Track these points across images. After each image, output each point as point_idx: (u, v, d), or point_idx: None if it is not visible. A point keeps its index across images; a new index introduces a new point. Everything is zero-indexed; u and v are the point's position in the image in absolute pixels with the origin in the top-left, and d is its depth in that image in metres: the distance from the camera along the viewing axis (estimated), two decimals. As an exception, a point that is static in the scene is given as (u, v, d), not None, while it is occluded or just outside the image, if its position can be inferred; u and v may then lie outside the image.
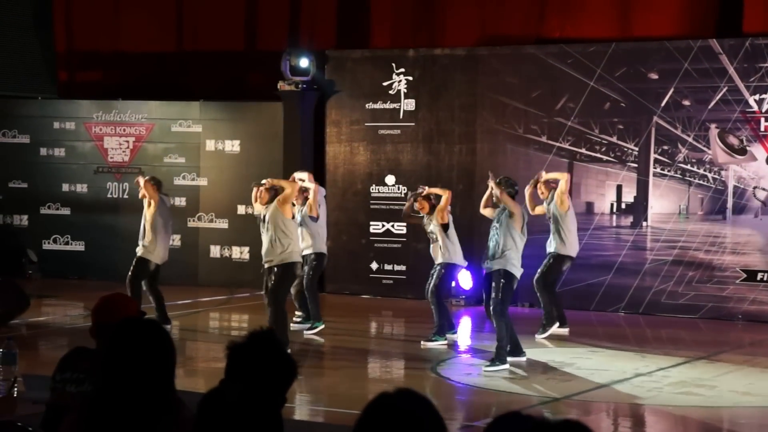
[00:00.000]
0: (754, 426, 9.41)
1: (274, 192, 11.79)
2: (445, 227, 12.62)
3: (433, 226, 12.66)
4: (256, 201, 12.42)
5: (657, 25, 16.00)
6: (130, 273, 13.27)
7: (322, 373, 11.34)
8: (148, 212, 13.51)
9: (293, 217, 12.09)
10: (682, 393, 10.25)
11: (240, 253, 17.69)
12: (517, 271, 11.25)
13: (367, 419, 2.91)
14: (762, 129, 15.12)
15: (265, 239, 11.72)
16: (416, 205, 12.85)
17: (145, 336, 3.81)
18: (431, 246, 12.85)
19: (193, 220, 17.96)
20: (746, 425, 9.49)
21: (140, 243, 13.44)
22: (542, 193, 13.40)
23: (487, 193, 12.11)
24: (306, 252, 12.99)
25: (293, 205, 12.33)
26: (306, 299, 13.25)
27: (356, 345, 12.92)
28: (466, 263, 13.11)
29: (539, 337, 12.92)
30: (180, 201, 17.88)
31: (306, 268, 12.92)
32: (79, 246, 18.54)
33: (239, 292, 16.21)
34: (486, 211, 12.20)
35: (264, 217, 11.82)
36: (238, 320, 14.59)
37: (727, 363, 11.77)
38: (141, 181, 13.68)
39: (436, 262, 12.74)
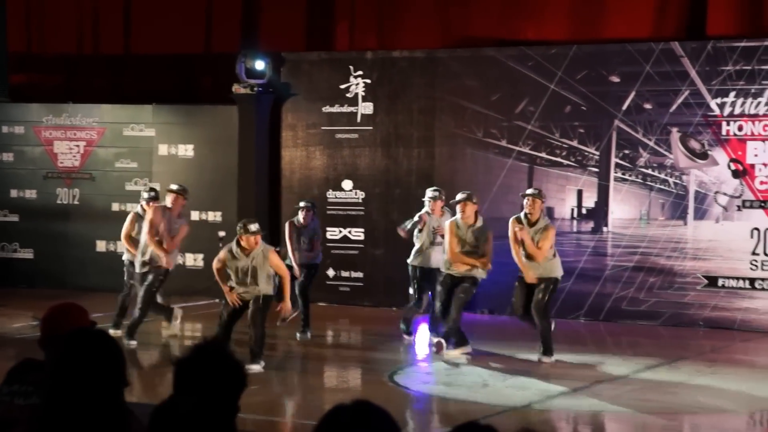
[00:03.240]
0: (713, 431, 9.50)
1: None
2: None
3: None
4: None
5: (618, 28, 16.12)
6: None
7: (278, 383, 11.34)
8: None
9: None
10: (643, 400, 10.33)
11: (194, 260, 17.63)
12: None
13: (324, 431, 2.91)
14: (724, 133, 15.27)
15: None
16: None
17: (95, 347, 3.79)
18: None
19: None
20: (707, 431, 9.58)
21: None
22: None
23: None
24: None
25: None
26: None
27: (313, 354, 12.91)
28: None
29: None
30: (132, 207, 17.79)
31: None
32: (27, 254, 18.43)
33: (193, 299, 16.16)
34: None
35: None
36: (192, 329, 14.54)
37: (688, 369, 11.88)
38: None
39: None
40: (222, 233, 17.37)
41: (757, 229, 14.99)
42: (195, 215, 17.49)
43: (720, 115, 15.30)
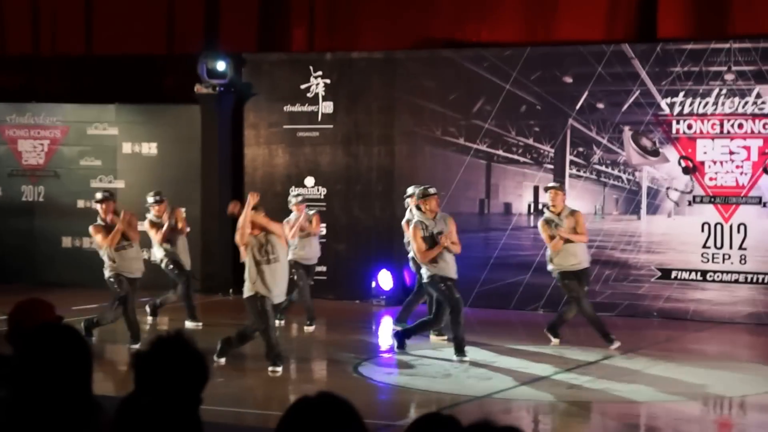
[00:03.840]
0: (670, 420, 9.47)
1: None
2: None
3: None
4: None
5: (571, 30, 16.08)
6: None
7: (244, 375, 11.17)
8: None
9: None
10: (600, 389, 10.29)
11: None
12: None
13: (288, 423, 2.90)
14: (674, 131, 15.28)
15: None
16: None
17: (62, 341, 3.69)
18: None
19: (110, 224, 17.67)
20: (663, 419, 9.55)
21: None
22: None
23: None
24: None
25: None
26: None
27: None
28: None
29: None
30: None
31: None
32: (-7, 250, 18.14)
33: (157, 294, 15.95)
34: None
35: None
36: (155, 322, 14.35)
37: (644, 359, 11.86)
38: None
39: None
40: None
41: (707, 223, 14.99)
42: (159, 212, 17.31)
43: (670, 115, 15.30)
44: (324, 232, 16.55)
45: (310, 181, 16.73)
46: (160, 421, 3.37)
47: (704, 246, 14.94)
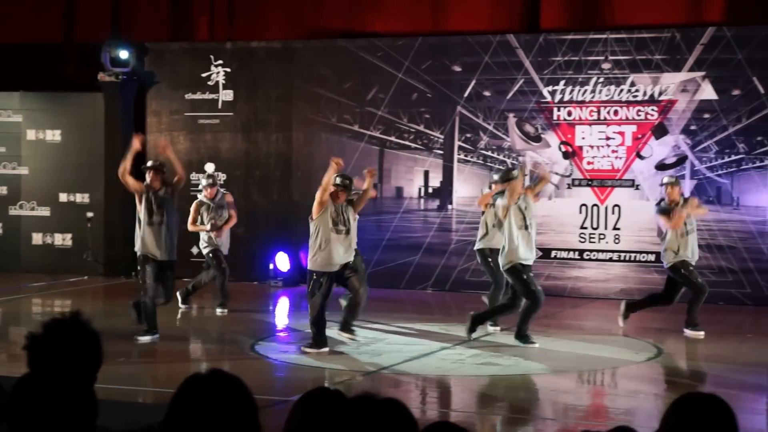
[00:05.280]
0: (547, 391, 9.65)
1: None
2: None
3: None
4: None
5: (460, 21, 16.23)
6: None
7: (142, 354, 11.11)
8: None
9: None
10: (483, 364, 10.42)
11: (62, 239, 17.21)
12: None
13: (180, 399, 2.89)
14: (555, 118, 15.53)
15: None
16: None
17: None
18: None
19: (15, 209, 17.40)
20: (541, 391, 9.74)
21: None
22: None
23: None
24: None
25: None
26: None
27: (178, 326, 12.72)
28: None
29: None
30: (1, 190, 17.34)
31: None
32: None
33: (62, 277, 15.77)
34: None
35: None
36: (61, 305, 14.18)
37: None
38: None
39: None
40: (90, 214, 17.01)
41: (585, 205, 15.29)
42: (63, 197, 17.12)
43: (552, 102, 15.55)
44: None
45: (210, 167, 16.60)
46: (54, 398, 3.35)
47: (581, 227, 15.25)
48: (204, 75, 16.89)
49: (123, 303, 13.69)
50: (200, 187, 13.59)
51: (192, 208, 13.35)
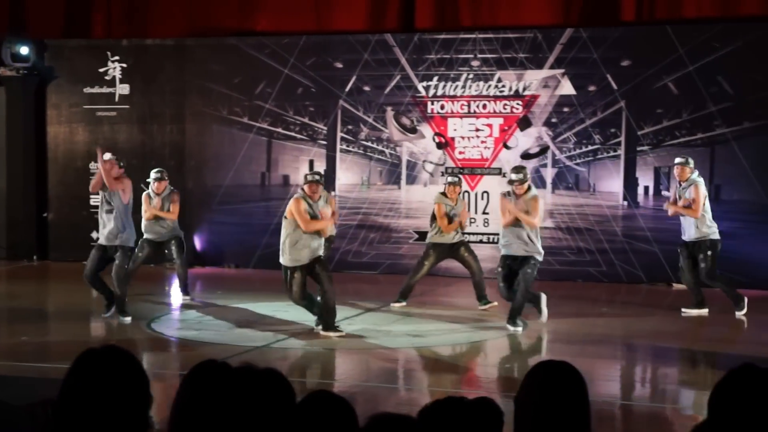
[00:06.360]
0: (424, 363, 9.97)
1: None
2: None
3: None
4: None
5: (341, 21, 16.51)
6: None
7: (45, 333, 11.24)
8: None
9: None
10: (364, 338, 10.72)
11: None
12: None
13: (74, 373, 2.98)
14: (429, 111, 15.95)
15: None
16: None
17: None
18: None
19: None
20: (418, 362, 10.02)
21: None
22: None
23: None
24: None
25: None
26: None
27: (78, 307, 12.76)
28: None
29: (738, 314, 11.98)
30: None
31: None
32: None
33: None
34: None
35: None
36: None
37: (400, 312, 12.37)
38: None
39: None
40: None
41: (457, 191, 15.72)
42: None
43: (426, 96, 15.95)
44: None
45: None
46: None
47: (454, 211, 15.68)
48: (101, 70, 16.93)
49: (26, 285, 13.74)
50: (149, 180, 13.45)
51: (143, 199, 13.24)
